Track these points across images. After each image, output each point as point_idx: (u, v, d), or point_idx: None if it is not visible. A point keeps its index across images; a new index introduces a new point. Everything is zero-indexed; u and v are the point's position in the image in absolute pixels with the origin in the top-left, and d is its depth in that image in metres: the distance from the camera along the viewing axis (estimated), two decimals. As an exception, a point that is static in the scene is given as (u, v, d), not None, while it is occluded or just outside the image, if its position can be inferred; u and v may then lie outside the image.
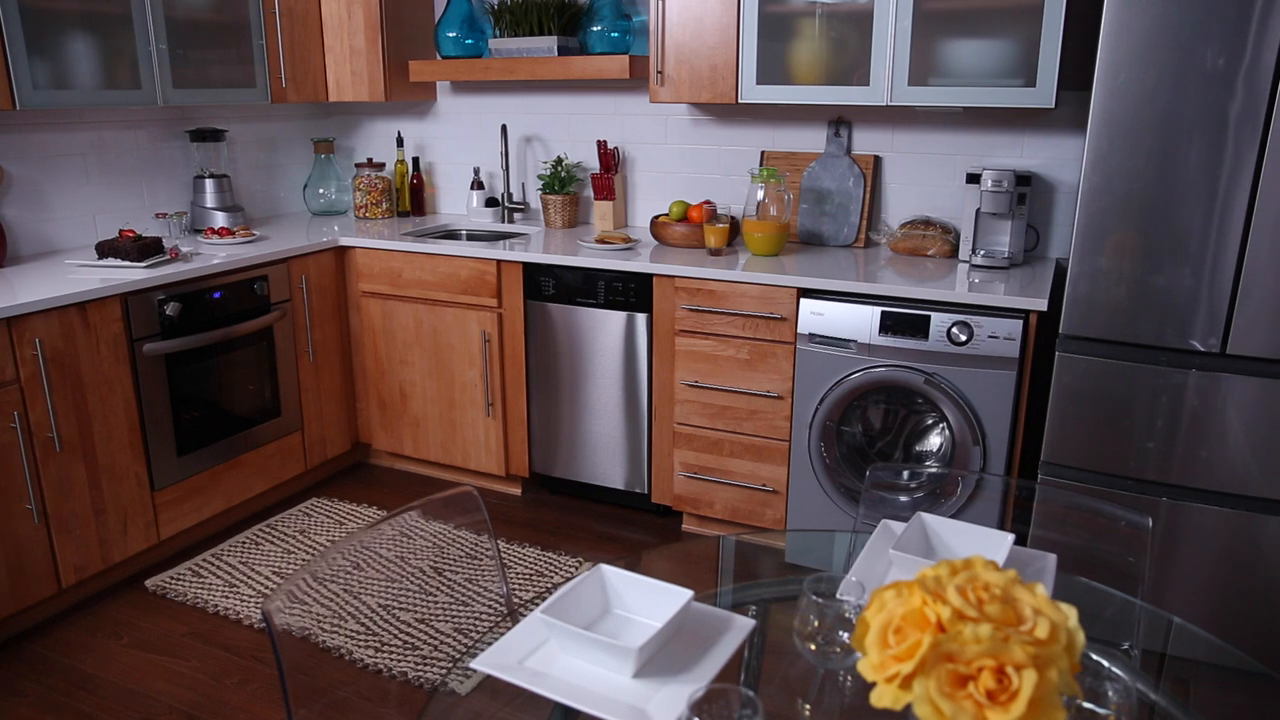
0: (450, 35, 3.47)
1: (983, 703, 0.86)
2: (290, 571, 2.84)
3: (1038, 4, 2.50)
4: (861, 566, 1.37)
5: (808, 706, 1.19)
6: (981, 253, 2.86)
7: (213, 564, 2.89)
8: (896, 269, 2.81)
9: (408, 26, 3.55)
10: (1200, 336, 2.19)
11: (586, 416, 3.15)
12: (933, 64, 2.71)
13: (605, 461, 3.17)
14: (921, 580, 0.96)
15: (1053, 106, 2.55)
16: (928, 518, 1.41)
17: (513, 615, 1.56)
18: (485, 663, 1.12)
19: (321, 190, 3.83)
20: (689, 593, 1.18)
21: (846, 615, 1.14)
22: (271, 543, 3.02)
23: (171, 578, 2.80)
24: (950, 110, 3.01)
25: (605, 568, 1.25)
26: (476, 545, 3.00)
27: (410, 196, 3.81)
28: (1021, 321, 2.44)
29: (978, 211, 2.83)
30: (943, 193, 3.10)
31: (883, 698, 0.91)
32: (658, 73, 3.01)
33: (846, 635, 1.15)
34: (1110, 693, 1.00)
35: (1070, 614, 0.92)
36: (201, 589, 2.75)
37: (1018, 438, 2.56)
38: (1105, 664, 1.10)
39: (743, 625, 1.20)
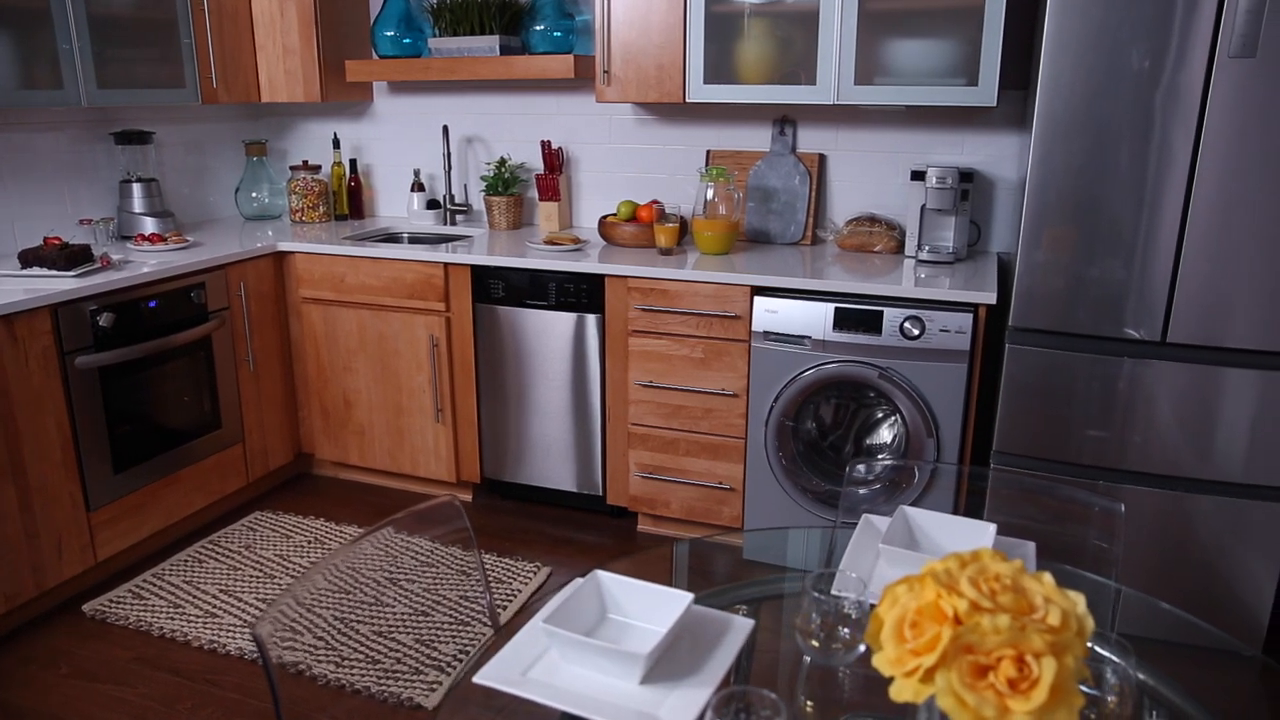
0: (388, 34, 3.39)
1: (1004, 692, 0.87)
2: (239, 589, 2.74)
3: (978, 5, 2.56)
4: (848, 562, 1.38)
5: (810, 703, 1.19)
6: (927, 248, 2.92)
7: (154, 584, 2.77)
8: (845, 266, 2.85)
9: (343, 25, 3.46)
10: (1142, 326, 2.28)
11: (539, 419, 3.12)
12: (878, 63, 2.76)
13: (558, 465, 3.14)
14: (933, 573, 0.96)
15: (994, 105, 2.61)
16: (910, 511, 1.43)
17: (495, 624, 1.53)
18: (488, 676, 1.09)
19: (255, 194, 3.71)
20: (689, 595, 1.17)
21: (847, 612, 1.14)
22: (216, 559, 2.91)
23: (111, 601, 2.68)
24: (893, 109, 3.07)
25: (601, 573, 1.23)
26: (432, 553, 2.94)
27: (348, 199, 3.72)
28: (971, 315, 2.50)
29: (923, 208, 2.89)
30: (887, 190, 3.15)
31: (903, 692, 0.91)
32: (604, 72, 2.99)
33: (847, 631, 1.15)
34: (1109, 675, 1.03)
35: (1079, 600, 0.94)
36: (144, 611, 2.63)
37: (969, 428, 2.62)
38: (1096, 648, 1.13)
39: (742, 625, 1.20)
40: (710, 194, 2.98)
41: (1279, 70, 2.04)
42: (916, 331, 2.54)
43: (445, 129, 3.50)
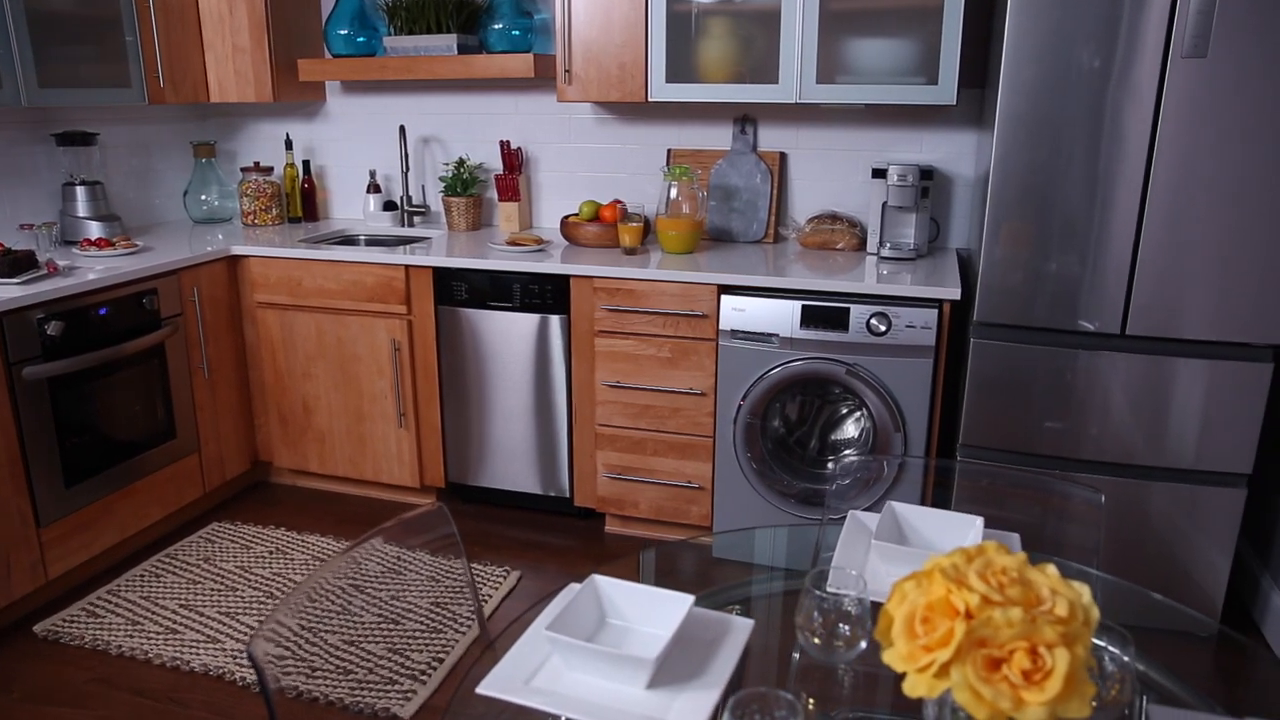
0: (341, 33, 3.33)
1: (1019, 684, 0.88)
2: (200, 603, 2.66)
3: (937, 6, 2.60)
4: (840, 558, 1.39)
5: (812, 700, 1.20)
6: (888, 245, 2.96)
7: (110, 601, 2.67)
8: (808, 263, 2.87)
9: (294, 23, 3.39)
10: (1103, 319, 2.33)
11: (504, 422, 3.09)
12: (840, 62, 2.79)
13: (524, 467, 3.12)
14: (941, 569, 0.97)
15: (954, 104, 2.66)
16: (898, 506, 1.44)
17: (486, 634, 1.51)
18: (491, 687, 1.07)
19: (204, 196, 3.61)
20: (690, 598, 1.17)
21: (848, 609, 1.15)
22: (174, 574, 2.82)
23: (64, 620, 2.58)
24: (853, 107, 3.10)
25: (598, 578, 1.22)
26: (398, 559, 2.90)
27: (302, 201, 3.64)
28: (936, 310, 2.54)
29: (884, 205, 2.93)
30: (847, 188, 3.19)
31: (917, 687, 0.92)
32: (565, 71, 2.98)
33: (848, 628, 1.16)
34: (1107, 662, 1.05)
35: (1084, 591, 0.96)
36: (100, 630, 2.54)
37: (935, 422, 2.66)
38: (1094, 639, 1.15)
39: (742, 626, 1.20)
40: (674, 193, 2.98)
41: (1229, 70, 2.11)
42: (883, 328, 2.57)
43: (402, 129, 3.45)
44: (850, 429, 2.95)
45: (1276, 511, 2.56)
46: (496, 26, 3.20)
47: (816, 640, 1.16)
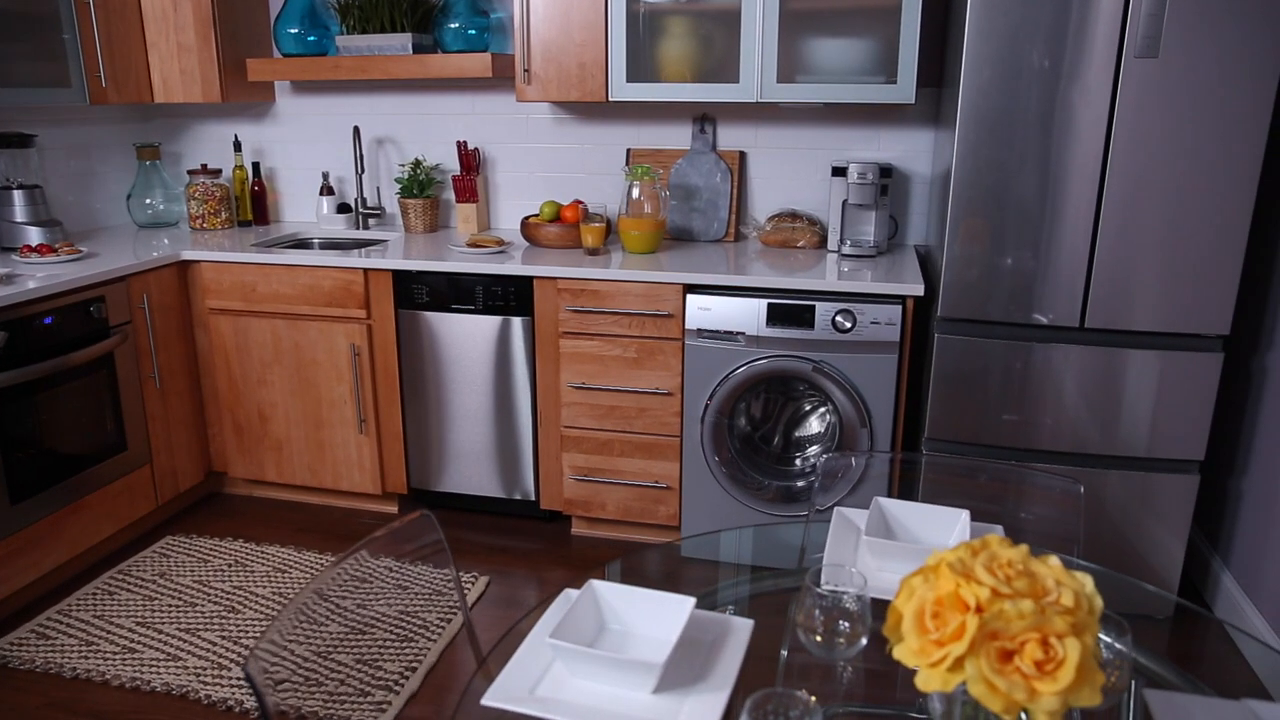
0: (291, 32, 3.25)
1: (1031, 674, 0.89)
2: (158, 620, 2.58)
3: (895, 5, 2.64)
4: (831, 555, 1.39)
5: (813, 698, 1.20)
6: (849, 243, 2.99)
7: (61, 622, 2.57)
8: (771, 262, 2.89)
9: (241, 21, 3.30)
10: (1063, 313, 2.39)
11: (467, 426, 3.05)
12: (800, 61, 2.81)
13: (489, 471, 3.08)
14: (948, 563, 0.98)
15: (913, 102, 2.70)
16: (884, 502, 1.45)
17: (478, 652, 1.48)
18: (496, 697, 1.05)
19: (148, 200, 3.49)
20: (691, 600, 1.16)
21: (848, 606, 1.15)
22: (128, 590, 2.73)
23: (13, 643, 2.48)
24: (811, 106, 3.13)
25: (596, 583, 1.21)
26: (369, 568, 2.83)
27: (252, 204, 3.55)
28: (900, 306, 2.57)
29: (844, 203, 2.96)
30: (806, 186, 3.21)
31: (930, 681, 0.92)
32: (524, 71, 2.95)
33: (847, 625, 1.16)
34: (1103, 650, 1.07)
35: (1087, 581, 0.97)
36: (52, 652, 2.44)
37: (900, 417, 2.70)
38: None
39: (742, 626, 1.20)
40: (635, 193, 2.97)
41: (1180, 70, 2.17)
42: (848, 324, 2.60)
43: (356, 130, 3.38)
44: (814, 425, 2.98)
45: (1224, 496, 2.65)
46: (452, 26, 3.15)
47: (818, 638, 1.16)
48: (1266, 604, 2.37)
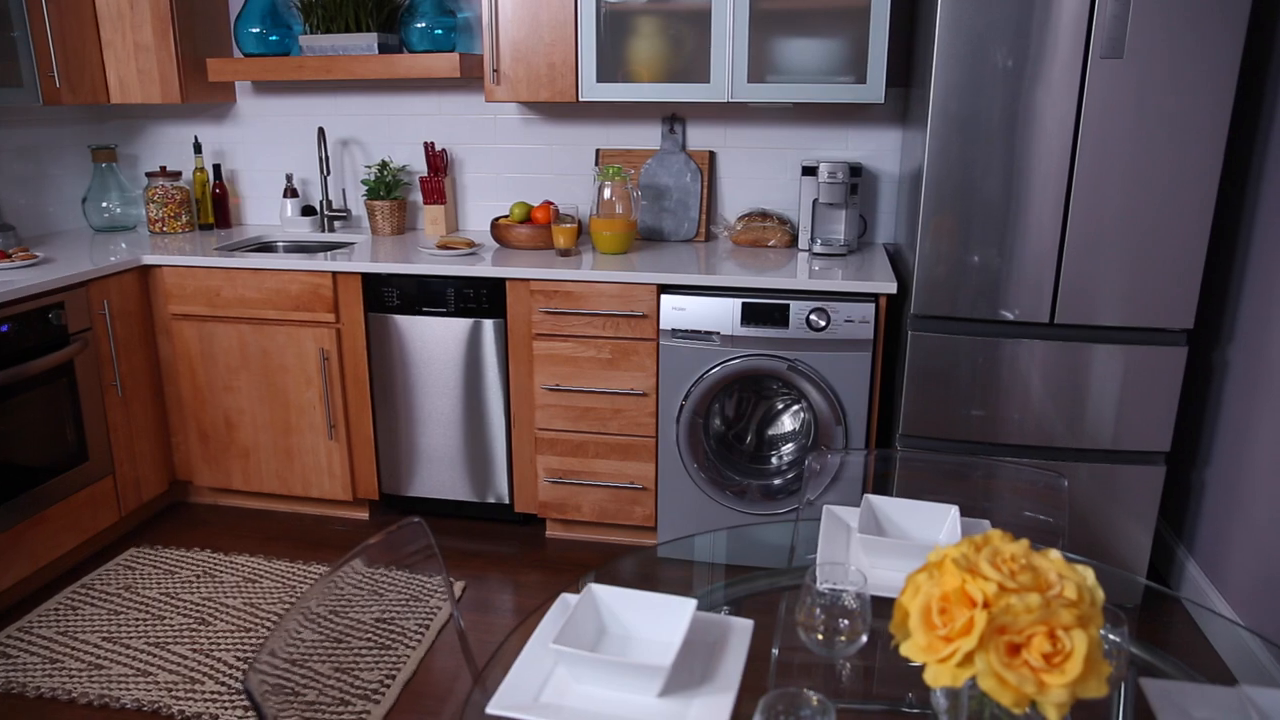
0: (253, 31, 3.19)
1: (1040, 667, 0.90)
2: (125, 634, 2.51)
3: (864, 6, 2.66)
4: (824, 552, 1.40)
5: (815, 697, 1.20)
6: (819, 241, 3.01)
7: (23, 639, 2.50)
8: (743, 261, 2.90)
9: (200, 20, 3.23)
10: (1034, 309, 2.43)
11: (439, 430, 3.01)
12: (770, 61, 2.82)
13: (462, 475, 3.05)
14: (952, 559, 0.99)
15: (882, 101, 2.72)
16: (875, 499, 1.46)
17: (466, 650, 1.47)
18: (501, 706, 1.04)
19: (105, 204, 3.40)
20: (692, 602, 1.16)
21: (849, 604, 1.16)
22: (92, 605, 2.66)
23: (-27, 661, 2.40)
24: (781, 106, 3.14)
25: (595, 587, 1.20)
26: (340, 576, 2.79)
27: (213, 207, 3.47)
28: (873, 304, 2.60)
29: (815, 202, 2.98)
30: (775, 185, 3.23)
31: (940, 677, 0.93)
32: (493, 71, 2.92)
33: (847, 623, 1.17)
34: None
35: (1088, 574, 0.99)
36: (13, 671, 2.37)
37: (874, 414, 2.72)
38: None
39: (742, 627, 1.20)
40: (607, 193, 2.97)
41: (1143, 71, 2.22)
42: (822, 323, 2.62)
43: (321, 131, 3.33)
44: (787, 423, 3.00)
45: (1188, 486, 2.72)
46: (418, 25, 3.12)
47: (819, 636, 1.16)
48: (1231, 590, 2.43)
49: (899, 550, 1.34)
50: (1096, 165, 2.30)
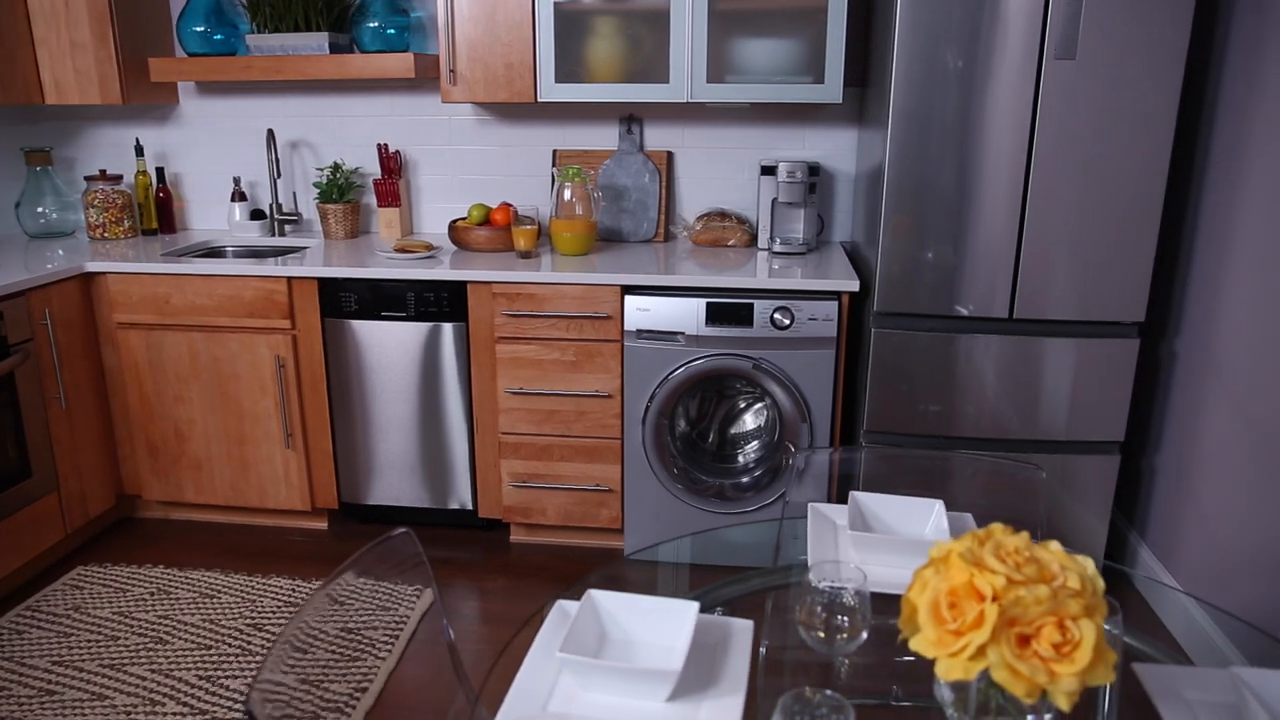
0: (196, 30, 3.10)
1: (1050, 657, 0.92)
2: (77, 657, 2.42)
3: (822, 6, 2.69)
4: (815, 551, 1.41)
5: (818, 695, 1.21)
6: (779, 240, 3.03)
7: (-33, 665, 2.39)
8: (703, 261, 2.91)
9: (140, 18, 3.12)
10: (993, 305, 2.48)
11: (400, 436, 2.96)
12: (730, 62, 2.83)
13: (423, 482, 3.00)
14: (958, 554, 1.00)
15: (840, 101, 2.75)
16: (861, 496, 1.48)
17: (455, 659, 1.44)
18: (510, 717, 1.02)
19: (40, 208, 3.27)
20: (694, 605, 1.15)
21: (848, 601, 1.17)
22: (39, 628, 2.55)
23: (-86, 691, 2.28)
24: (738, 106, 3.16)
25: (595, 592, 1.19)
26: (293, 591, 2.73)
27: (157, 212, 3.36)
28: (836, 302, 2.63)
29: (774, 201, 3.00)
30: (734, 185, 3.25)
31: (952, 670, 0.94)
32: (450, 71, 2.88)
33: (846, 620, 1.18)
34: (1094, 629, 1.11)
35: (1088, 563, 1.01)
36: (-40, 698, 2.26)
37: (838, 411, 2.75)
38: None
39: (742, 628, 1.20)
40: (567, 194, 2.95)
41: (1095, 71, 2.28)
42: (787, 321, 2.63)
43: (271, 133, 3.24)
44: (749, 421, 3.01)
45: (1140, 474, 2.80)
46: (370, 25, 3.06)
47: (820, 634, 1.17)
48: (1182, 573, 2.52)
49: (890, 546, 1.36)
50: (1052, 164, 2.36)
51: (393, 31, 3.07)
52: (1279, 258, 2.12)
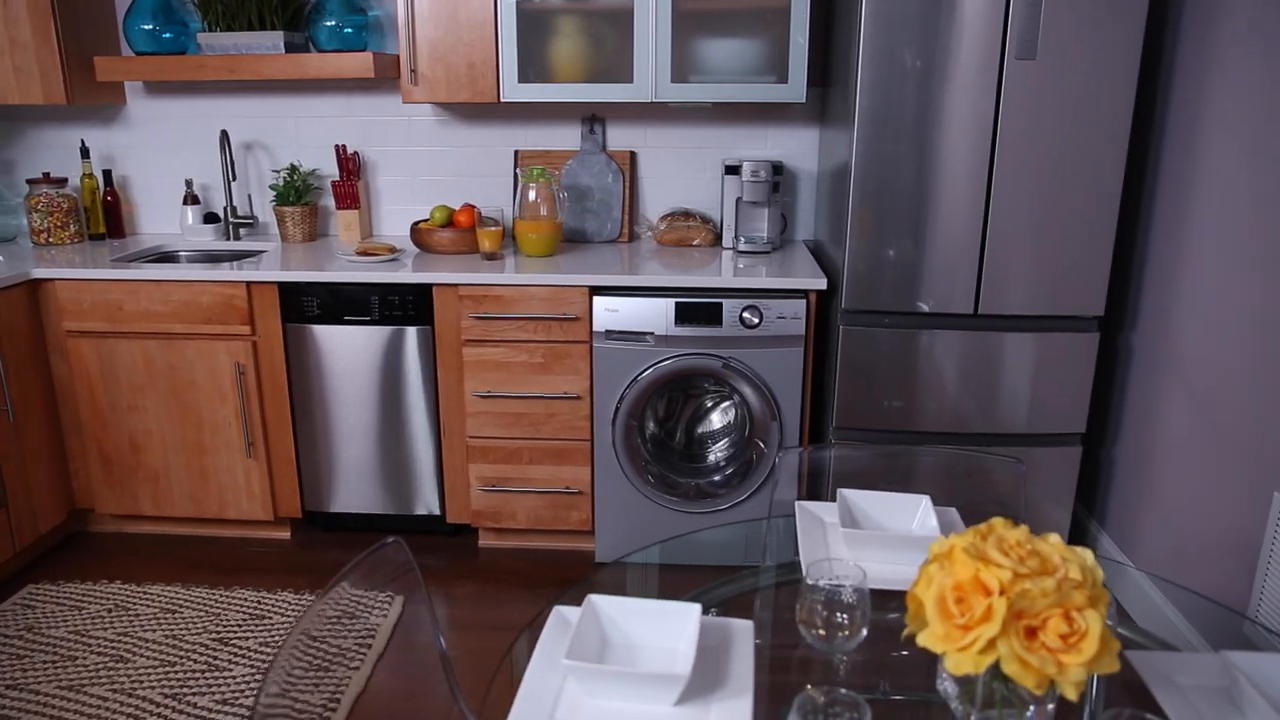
0: (144, 28, 3.00)
1: (1057, 648, 0.93)
2: (32, 680, 2.33)
3: (784, 6, 2.71)
4: (806, 549, 1.41)
5: (820, 695, 1.21)
6: (743, 240, 3.05)
7: (-84, 691, 2.29)
8: (669, 260, 2.91)
9: (85, 15, 3.02)
10: (959, 301, 2.52)
11: (365, 442, 2.91)
12: (693, 61, 2.84)
13: (389, 488, 2.96)
14: (961, 549, 1.01)
15: (804, 101, 2.77)
16: (849, 493, 1.49)
17: (448, 670, 1.42)
18: (518, 726, 1.01)
19: (-20, 214, 3.15)
20: (696, 607, 1.15)
21: (847, 599, 1.18)
22: (-8, 649, 2.46)
23: None
24: (701, 106, 3.16)
25: (595, 598, 1.18)
26: (259, 603, 2.67)
27: (105, 216, 3.26)
28: (804, 301, 2.65)
29: (738, 200, 3.01)
30: (697, 185, 3.25)
31: (962, 664, 0.95)
32: (411, 71, 2.84)
33: (846, 618, 1.18)
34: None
35: (1087, 555, 1.03)
36: (-91, 726, 2.17)
37: (807, 408, 2.77)
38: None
39: (743, 628, 1.20)
40: (532, 195, 2.92)
41: (1054, 72, 2.33)
42: (755, 320, 2.65)
43: (225, 134, 3.16)
44: (716, 420, 3.02)
45: (1099, 464, 2.88)
46: (327, 24, 3.00)
47: (820, 632, 1.18)
48: (1141, 561, 2.59)
49: (881, 542, 1.37)
50: (1014, 162, 2.40)
51: (350, 31, 3.02)
52: (1231, 251, 2.19)
